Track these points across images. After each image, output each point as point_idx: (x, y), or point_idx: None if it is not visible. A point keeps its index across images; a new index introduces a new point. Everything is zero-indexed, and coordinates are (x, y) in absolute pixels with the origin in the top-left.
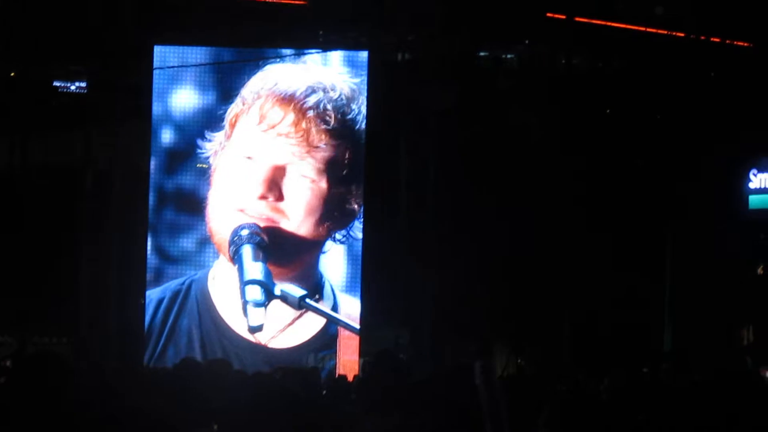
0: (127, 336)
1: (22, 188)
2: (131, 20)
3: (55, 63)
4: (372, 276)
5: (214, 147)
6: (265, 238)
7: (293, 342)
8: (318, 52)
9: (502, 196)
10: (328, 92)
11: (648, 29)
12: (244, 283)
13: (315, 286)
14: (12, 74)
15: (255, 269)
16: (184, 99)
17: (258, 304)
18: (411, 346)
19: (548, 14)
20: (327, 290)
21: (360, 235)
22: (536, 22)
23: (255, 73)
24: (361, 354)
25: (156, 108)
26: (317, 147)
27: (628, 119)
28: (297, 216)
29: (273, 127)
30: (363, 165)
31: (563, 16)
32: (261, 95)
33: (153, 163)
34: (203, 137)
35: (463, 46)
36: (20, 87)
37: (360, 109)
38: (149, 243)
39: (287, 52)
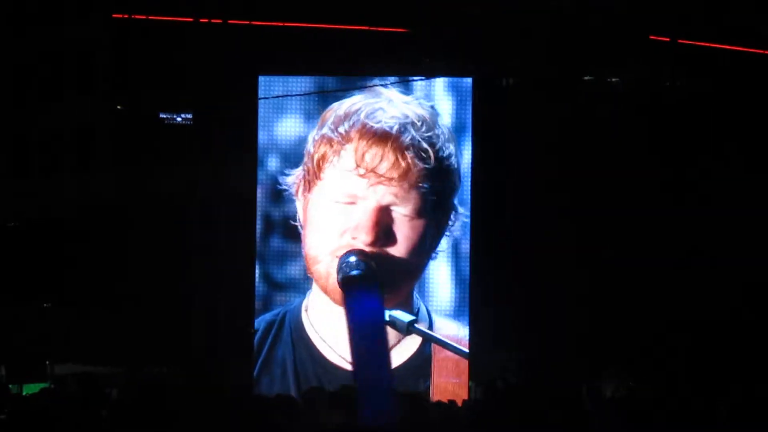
0: (236, 364)
1: (129, 218)
2: (235, 51)
3: (160, 95)
4: (479, 299)
5: (295, 182)
6: (374, 264)
7: (394, 363)
8: (422, 80)
9: (610, 218)
10: (417, 127)
11: (754, 50)
12: None
13: (412, 309)
14: (119, 107)
15: None
16: (290, 128)
17: None
18: (520, 370)
19: (651, 36)
20: (423, 312)
21: (444, 246)
22: (640, 45)
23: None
24: (470, 378)
25: (262, 137)
26: (418, 186)
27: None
28: (402, 256)
29: (372, 170)
30: (457, 189)
31: (667, 39)
32: (351, 137)
33: (259, 192)
34: (283, 173)
35: (567, 70)
36: (127, 119)
37: (443, 131)
38: (257, 271)
39: (391, 79)
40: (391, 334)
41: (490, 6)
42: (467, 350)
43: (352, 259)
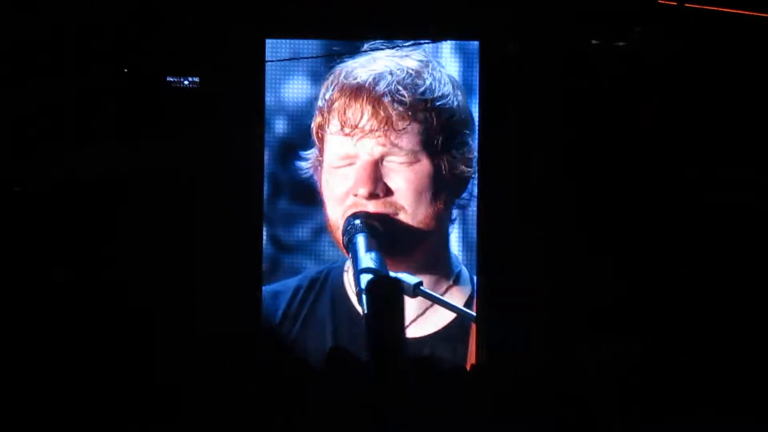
0: (243, 329)
1: (135, 182)
2: (243, 14)
3: (167, 58)
4: (489, 261)
5: (312, 164)
6: (378, 225)
7: (425, 332)
8: (428, 43)
9: (620, 186)
10: (394, 73)
11: (763, 14)
12: (358, 272)
13: (448, 273)
14: (125, 70)
15: (368, 258)
16: (297, 89)
17: None
18: (527, 337)
19: (660, 0)
20: (465, 276)
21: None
22: (648, 8)
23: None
24: (477, 344)
25: (269, 99)
26: (402, 130)
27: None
28: (411, 203)
29: (355, 126)
30: (459, 131)
31: (674, 2)
32: (334, 99)
33: (267, 154)
34: (299, 158)
35: (574, 34)
36: (133, 83)
37: (436, 76)
38: (264, 233)
39: (399, 43)
40: (422, 302)
41: None
42: (474, 314)
43: (357, 221)
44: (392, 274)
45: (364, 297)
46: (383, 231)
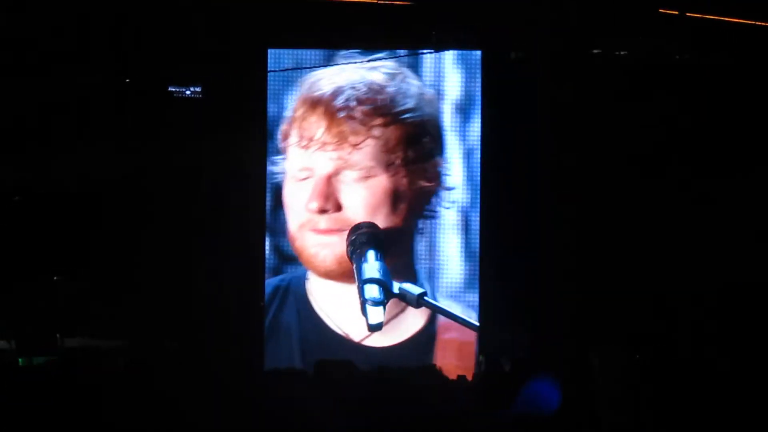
0: (245, 339)
1: (137, 192)
2: (244, 24)
3: (169, 68)
4: (489, 273)
5: (282, 170)
6: (382, 236)
7: (392, 341)
8: (430, 53)
9: (620, 194)
10: (355, 87)
11: (764, 23)
12: (362, 282)
13: (409, 278)
14: (127, 80)
15: (373, 268)
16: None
17: (377, 303)
18: (528, 346)
19: (660, 10)
20: (421, 280)
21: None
22: (649, 18)
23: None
24: (479, 352)
25: (271, 109)
26: (357, 145)
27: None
28: (364, 219)
29: (311, 140)
30: (428, 146)
31: (676, 12)
32: (296, 110)
33: (269, 164)
34: (272, 163)
35: (575, 43)
36: (135, 93)
37: (399, 88)
38: (267, 244)
39: (400, 53)
40: (394, 307)
41: None
42: (477, 323)
43: (364, 232)
44: (396, 284)
45: (368, 308)
46: (385, 239)
